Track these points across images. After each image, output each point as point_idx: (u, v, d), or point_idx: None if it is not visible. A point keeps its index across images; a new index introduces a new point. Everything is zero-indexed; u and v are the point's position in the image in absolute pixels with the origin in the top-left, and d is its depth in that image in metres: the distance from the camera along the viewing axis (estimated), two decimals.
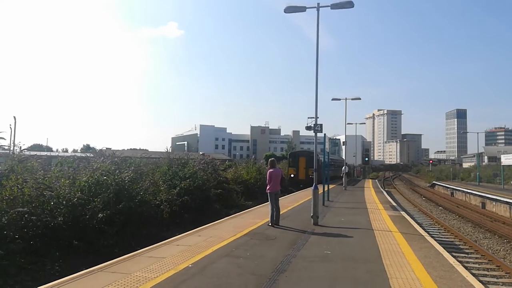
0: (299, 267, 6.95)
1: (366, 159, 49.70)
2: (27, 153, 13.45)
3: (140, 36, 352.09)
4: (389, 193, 32.78)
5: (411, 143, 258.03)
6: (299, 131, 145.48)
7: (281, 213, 12.06)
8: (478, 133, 53.99)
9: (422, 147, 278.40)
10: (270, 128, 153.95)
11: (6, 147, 12.59)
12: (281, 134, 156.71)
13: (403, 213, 15.89)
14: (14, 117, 35.20)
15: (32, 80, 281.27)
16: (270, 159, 12.52)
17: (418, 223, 15.00)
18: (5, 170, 9.64)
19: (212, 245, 8.53)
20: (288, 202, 17.74)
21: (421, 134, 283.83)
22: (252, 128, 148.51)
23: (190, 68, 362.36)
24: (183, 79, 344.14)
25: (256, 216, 13.12)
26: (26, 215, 9.11)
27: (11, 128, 32.79)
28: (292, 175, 34.26)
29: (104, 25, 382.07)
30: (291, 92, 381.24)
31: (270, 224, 11.27)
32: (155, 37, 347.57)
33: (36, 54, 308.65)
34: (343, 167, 36.52)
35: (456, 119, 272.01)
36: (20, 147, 13.91)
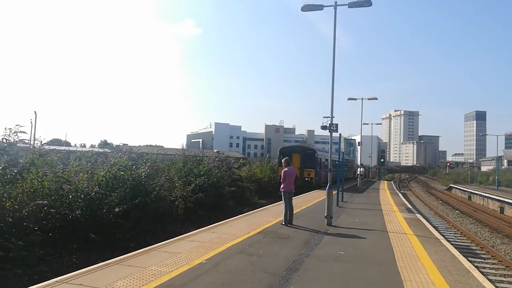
0: (312, 267, 6.96)
1: (382, 160, 49.18)
2: (46, 147, 13.74)
3: (159, 32, 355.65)
4: (404, 195, 32.34)
5: (428, 144, 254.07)
6: (313, 130, 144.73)
7: (294, 212, 12.06)
8: (497, 135, 53.02)
9: (440, 149, 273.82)
10: (284, 127, 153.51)
11: (27, 141, 12.87)
12: (296, 133, 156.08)
13: (418, 215, 15.69)
14: (35, 112, 36.04)
15: (52, 77, 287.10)
16: (284, 158, 12.53)
17: (434, 226, 14.80)
18: (26, 163, 9.85)
19: (226, 242, 8.60)
20: (302, 202, 17.70)
21: (438, 136, 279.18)
22: (267, 126, 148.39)
23: (206, 66, 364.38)
24: (199, 76, 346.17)
25: (270, 215, 13.15)
26: (45, 208, 9.34)
27: (31, 123, 33.58)
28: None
29: (125, 19, 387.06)
30: (307, 90, 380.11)
31: (283, 223, 11.29)
32: (173, 34, 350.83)
33: (55, 51, 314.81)
34: (359, 168, 35.77)
35: (475, 121, 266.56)
36: (41, 141, 14.20)
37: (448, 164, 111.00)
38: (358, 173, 34.90)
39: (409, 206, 20.15)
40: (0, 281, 7.45)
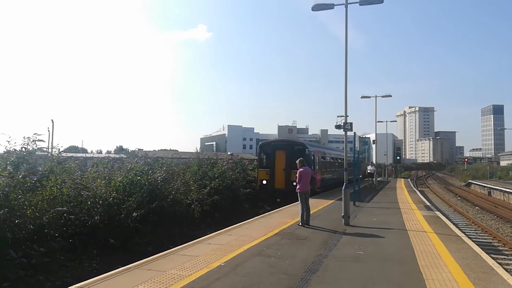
0: (331, 267, 6.90)
1: (398, 157, 48.55)
2: (64, 154, 13.97)
3: (171, 38, 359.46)
4: (422, 192, 31.86)
5: (444, 141, 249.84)
6: (327, 130, 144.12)
7: (311, 212, 11.98)
8: None
9: (457, 145, 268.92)
10: (297, 127, 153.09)
11: (45, 149, 13.10)
12: (309, 133, 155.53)
13: (437, 213, 15.42)
14: (52, 120, 36.63)
15: (68, 85, 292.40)
16: (299, 159, 12.48)
17: (454, 224, 14.55)
18: (45, 171, 10.05)
19: (244, 244, 8.59)
20: (317, 202, 17.56)
21: (455, 132, 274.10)
22: (279, 127, 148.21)
23: (219, 69, 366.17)
24: (211, 80, 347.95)
25: (286, 216, 13.10)
26: (65, 214, 9.49)
27: (49, 131, 34.13)
28: (264, 182, 20.76)
29: (137, 27, 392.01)
30: (318, 90, 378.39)
31: (300, 223, 11.23)
32: (186, 40, 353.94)
33: (70, 59, 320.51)
34: (369, 166, 34.02)
35: (492, 115, 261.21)
36: (59, 149, 14.44)
37: (466, 159, 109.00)
38: (368, 171, 32.88)
39: (428, 203, 19.83)
40: (23, 287, 7.59)
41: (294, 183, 16.70)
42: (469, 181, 51.91)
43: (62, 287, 6.32)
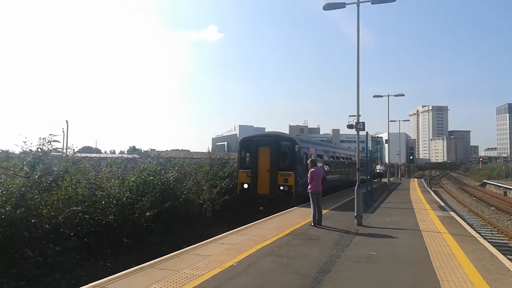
0: (344, 268, 6.86)
1: (411, 157, 47.95)
2: (78, 155, 14.18)
3: (183, 39, 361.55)
4: (436, 192, 31.45)
5: (458, 140, 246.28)
6: (339, 129, 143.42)
7: (323, 213, 11.93)
8: None
9: (471, 144, 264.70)
10: (309, 127, 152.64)
11: (60, 150, 13.31)
12: (321, 133, 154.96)
13: (452, 213, 15.22)
14: (67, 121, 37.27)
15: (82, 87, 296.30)
16: (310, 159, 12.43)
17: (469, 224, 14.36)
18: (60, 171, 10.22)
19: (256, 244, 8.60)
20: (329, 202, 17.47)
21: (469, 131, 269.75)
22: (291, 127, 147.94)
23: (230, 69, 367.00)
24: (223, 80, 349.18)
25: (298, 216, 13.05)
26: (80, 214, 9.64)
27: (63, 132, 34.73)
28: (245, 185, 16.85)
29: (148, 29, 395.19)
30: (330, 90, 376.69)
31: (312, 224, 11.19)
32: (197, 40, 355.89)
33: (83, 62, 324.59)
34: (378, 165, 32.58)
35: (508, 114, 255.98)
36: (73, 149, 14.67)
37: (481, 159, 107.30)
38: (377, 170, 31.57)
39: (442, 203, 19.57)
40: (39, 286, 7.73)
41: (282, 187, 15.51)
42: (484, 181, 51.08)
43: (77, 285, 6.40)
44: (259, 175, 16.44)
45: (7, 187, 8.32)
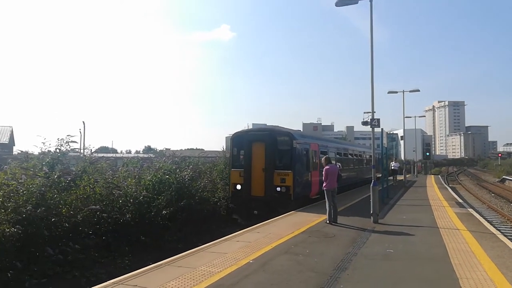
0: (361, 265, 6.82)
1: (427, 153, 47.23)
2: (95, 155, 14.43)
3: (196, 39, 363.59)
4: (453, 189, 30.88)
5: (476, 135, 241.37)
6: (353, 126, 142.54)
7: (338, 210, 11.86)
8: None
9: (489, 139, 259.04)
10: (322, 124, 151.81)
11: (78, 150, 13.57)
12: (335, 130, 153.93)
13: (470, 210, 14.96)
14: (83, 122, 37.90)
15: (98, 88, 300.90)
16: (324, 156, 12.37)
17: (488, 221, 14.05)
18: (79, 171, 10.43)
19: (271, 241, 8.61)
20: (344, 200, 17.36)
21: (487, 126, 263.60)
22: (304, 125, 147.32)
23: (242, 68, 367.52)
24: (235, 79, 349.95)
25: (313, 214, 12.99)
26: (98, 213, 9.83)
27: (80, 132, 35.36)
28: (238, 186, 14.97)
29: (162, 29, 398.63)
30: (344, 87, 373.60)
31: (327, 221, 11.15)
32: (210, 40, 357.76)
33: (98, 63, 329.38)
34: (392, 162, 30.77)
35: None
36: (91, 149, 14.94)
37: (499, 154, 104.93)
38: (392, 167, 29.85)
39: (460, 200, 19.25)
40: (60, 283, 7.91)
41: (279, 189, 13.88)
42: (504, 177, 49.92)
43: (96, 283, 6.53)
44: (253, 174, 14.55)
45: (27, 187, 8.53)
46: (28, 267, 7.74)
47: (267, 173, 14.27)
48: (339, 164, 18.88)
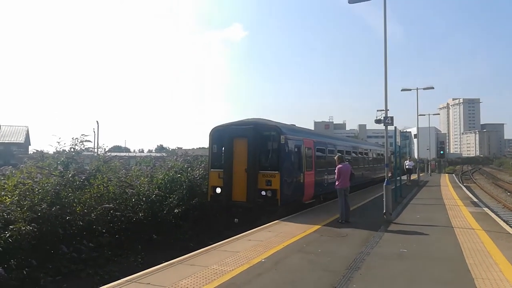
0: (374, 265, 6.76)
1: (441, 152, 46.56)
2: (109, 154, 14.59)
3: (209, 38, 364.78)
4: (468, 188, 30.39)
5: (491, 133, 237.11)
6: (365, 125, 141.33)
7: (350, 209, 11.78)
8: None
9: (505, 137, 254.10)
10: (334, 123, 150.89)
11: (91, 149, 13.74)
12: (347, 129, 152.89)
13: (486, 209, 14.70)
14: (97, 121, 38.40)
15: (111, 88, 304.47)
16: (337, 155, 12.30)
17: (504, 220, 13.82)
18: (92, 170, 10.55)
19: (283, 240, 8.58)
20: (357, 199, 17.24)
21: (503, 124, 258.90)
22: (316, 123, 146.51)
23: (254, 67, 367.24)
24: (246, 77, 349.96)
25: (325, 213, 12.92)
26: (111, 211, 9.94)
27: (94, 132, 35.84)
28: (218, 189, 12.69)
29: (176, 29, 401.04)
30: (356, 85, 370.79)
31: (340, 220, 11.08)
32: (223, 39, 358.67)
33: (112, 64, 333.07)
34: (406, 161, 29.82)
35: None
36: (104, 148, 15.12)
37: None
38: (406, 166, 28.98)
39: (475, 199, 18.93)
40: (74, 280, 8.01)
41: (264, 193, 11.86)
42: None
43: (110, 280, 6.60)
44: (235, 176, 12.37)
45: (42, 185, 8.67)
46: (43, 265, 7.86)
47: (250, 174, 12.08)
48: (352, 163, 17.43)
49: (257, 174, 12.10)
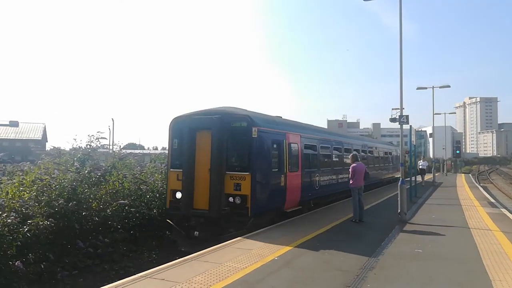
0: (388, 265, 6.69)
1: (457, 151, 45.73)
2: (124, 151, 14.77)
3: (222, 37, 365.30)
4: (485, 188, 29.84)
5: (509, 132, 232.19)
6: (379, 123, 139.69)
7: (364, 209, 11.68)
8: None
9: None
10: (348, 121, 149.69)
11: (107, 146, 13.92)
12: (360, 127, 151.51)
13: (503, 210, 14.42)
14: (112, 119, 38.93)
15: (126, 86, 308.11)
16: (352, 154, 12.20)
17: None
18: (108, 166, 10.69)
19: (296, 239, 8.54)
20: (370, 198, 17.09)
21: None
22: (329, 122, 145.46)
23: (269, 65, 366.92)
24: (259, 76, 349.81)
25: (338, 212, 12.84)
26: (126, 207, 10.06)
27: (109, 129, 36.34)
28: (178, 194, 10.05)
29: (185, 29, 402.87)
30: (369, 83, 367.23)
31: (353, 220, 11.00)
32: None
33: (126, 62, 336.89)
34: (420, 161, 28.08)
35: None
36: (120, 145, 15.30)
37: None
38: (420, 167, 27.41)
39: (492, 200, 18.58)
40: (90, 275, 8.15)
41: (232, 199, 9.63)
42: None
43: (125, 275, 6.70)
44: (197, 178, 10.00)
45: (59, 181, 8.83)
46: (60, 259, 8.02)
47: (214, 175, 9.67)
48: (361, 162, 12.71)
49: (223, 176, 9.75)
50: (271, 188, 10.44)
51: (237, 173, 9.75)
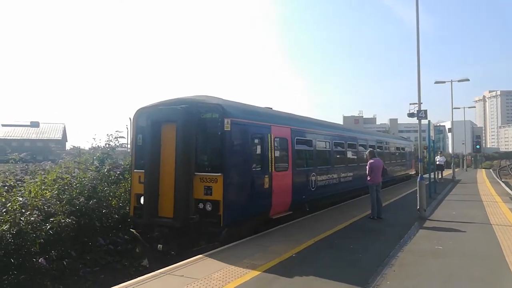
0: (408, 262, 6.61)
1: (478, 146, 44.65)
2: None
3: (234, 36, 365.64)
4: (507, 184, 29.06)
5: None
6: (396, 119, 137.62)
7: (382, 205, 11.55)
8: None
9: None
10: (364, 117, 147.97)
11: (125, 145, 14.12)
12: (377, 123, 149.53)
13: None
14: (130, 118, 39.37)
15: (144, 85, 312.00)
16: (369, 150, 12.06)
17: None
18: (127, 165, 10.85)
19: (314, 236, 8.51)
20: (388, 194, 16.87)
21: None
22: (345, 118, 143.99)
23: (282, 61, 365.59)
24: (271, 72, 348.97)
25: (356, 209, 12.72)
26: None
27: (127, 128, 36.77)
28: (141, 200, 8.49)
29: (191, 31, 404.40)
30: (386, 78, 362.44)
31: (371, 216, 10.89)
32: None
33: (143, 61, 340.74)
34: (437, 156, 26.44)
35: None
36: None
37: None
38: (437, 162, 25.94)
39: None
40: (111, 271, 8.30)
41: (202, 205, 8.08)
42: None
43: (145, 272, 6.79)
44: (162, 180, 8.46)
45: (80, 180, 9.01)
46: (81, 256, 8.20)
47: (180, 177, 8.10)
48: (379, 158, 11.89)
49: (191, 177, 8.18)
50: (251, 191, 8.82)
51: (208, 174, 8.14)
